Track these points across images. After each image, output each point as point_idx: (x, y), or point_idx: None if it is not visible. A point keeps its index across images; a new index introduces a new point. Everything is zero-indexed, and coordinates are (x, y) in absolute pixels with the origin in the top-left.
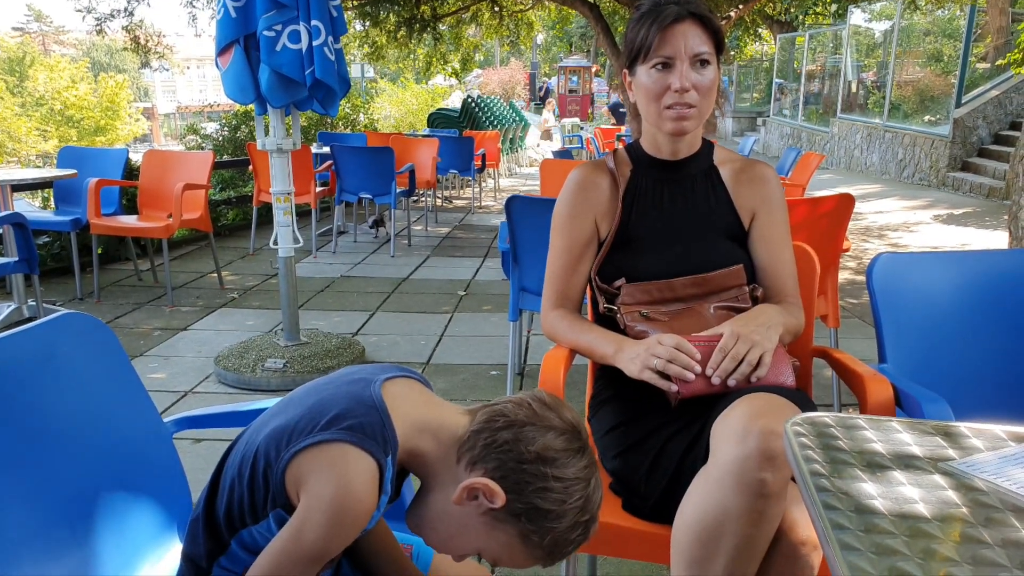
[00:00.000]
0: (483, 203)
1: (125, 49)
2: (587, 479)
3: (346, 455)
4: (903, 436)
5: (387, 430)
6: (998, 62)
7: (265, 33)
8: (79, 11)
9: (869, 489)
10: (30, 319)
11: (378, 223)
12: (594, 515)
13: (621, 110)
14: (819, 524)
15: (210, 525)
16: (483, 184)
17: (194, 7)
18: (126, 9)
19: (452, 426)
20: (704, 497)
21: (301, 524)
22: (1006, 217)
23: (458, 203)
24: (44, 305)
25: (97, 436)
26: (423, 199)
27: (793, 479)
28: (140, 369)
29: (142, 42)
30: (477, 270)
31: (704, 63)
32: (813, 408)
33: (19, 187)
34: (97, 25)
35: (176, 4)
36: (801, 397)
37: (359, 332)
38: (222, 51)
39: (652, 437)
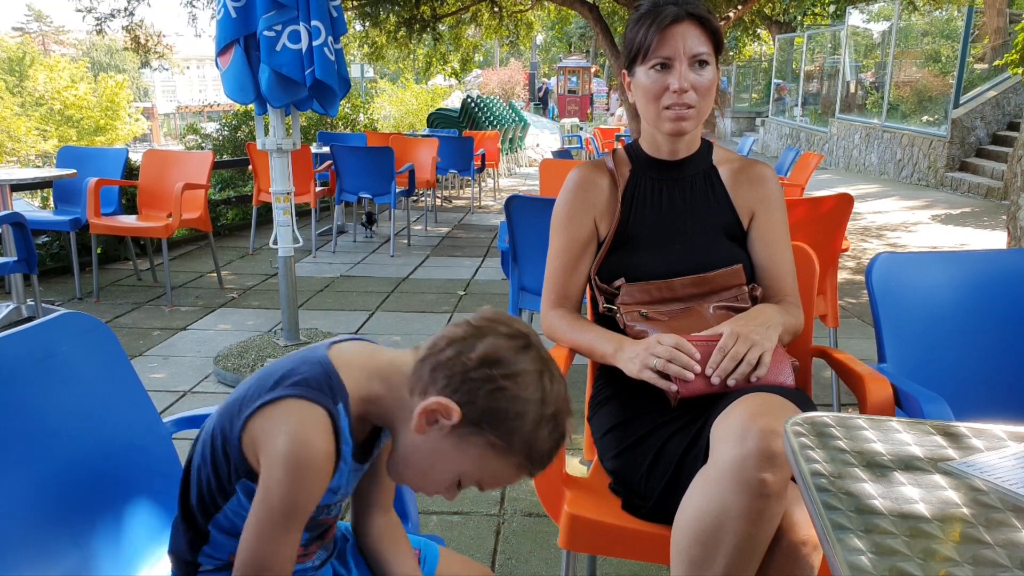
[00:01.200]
0: (482, 203)
1: (125, 49)
2: (538, 371)
3: (293, 408)
4: (903, 436)
5: (333, 379)
6: (996, 63)
7: (265, 33)
8: (79, 11)
9: (869, 489)
10: (29, 319)
11: (369, 218)
12: (560, 408)
13: None
14: (819, 524)
15: (187, 518)
16: (482, 184)
17: (194, 7)
18: (126, 9)
19: (400, 364)
20: (704, 497)
21: (266, 486)
22: (1004, 217)
23: (458, 203)
24: (43, 305)
25: (96, 436)
26: (423, 199)
27: (793, 479)
28: (139, 369)
29: (142, 42)
30: (477, 270)
31: (703, 64)
32: (813, 408)
33: (18, 187)
34: (97, 25)
35: (176, 4)
36: (801, 397)
37: (359, 332)
38: (222, 51)
39: (652, 437)
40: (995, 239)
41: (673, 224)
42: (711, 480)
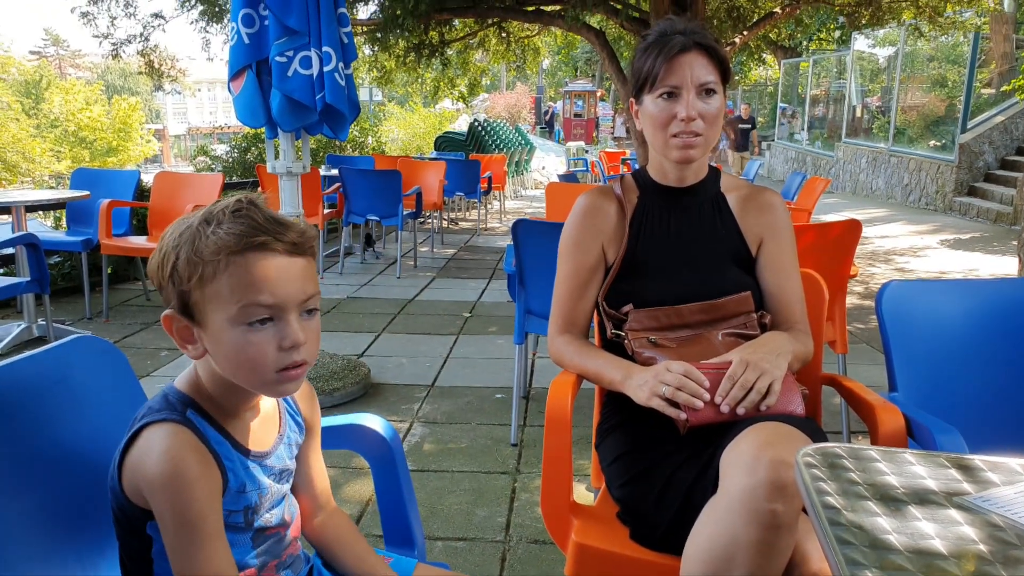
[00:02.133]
0: (489, 225)
1: (140, 73)
2: (172, 226)
3: (145, 436)
4: (917, 469)
5: (170, 395)
6: (1003, 88)
7: (277, 59)
8: (96, 37)
9: (883, 523)
10: (40, 338)
11: (368, 240)
12: (212, 209)
13: (741, 125)
14: (833, 559)
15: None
16: (489, 206)
17: (207, 32)
18: (142, 34)
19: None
20: (714, 528)
21: (158, 514)
22: (1014, 243)
23: (464, 225)
24: (54, 324)
25: (107, 458)
26: (429, 221)
27: (804, 510)
28: (147, 389)
29: (156, 66)
30: (482, 292)
31: (710, 92)
32: (823, 436)
33: (33, 208)
34: (113, 50)
35: (189, 29)
36: (811, 426)
37: (364, 353)
38: (234, 76)
39: (660, 466)
40: (1005, 264)
41: (681, 251)
42: (721, 510)
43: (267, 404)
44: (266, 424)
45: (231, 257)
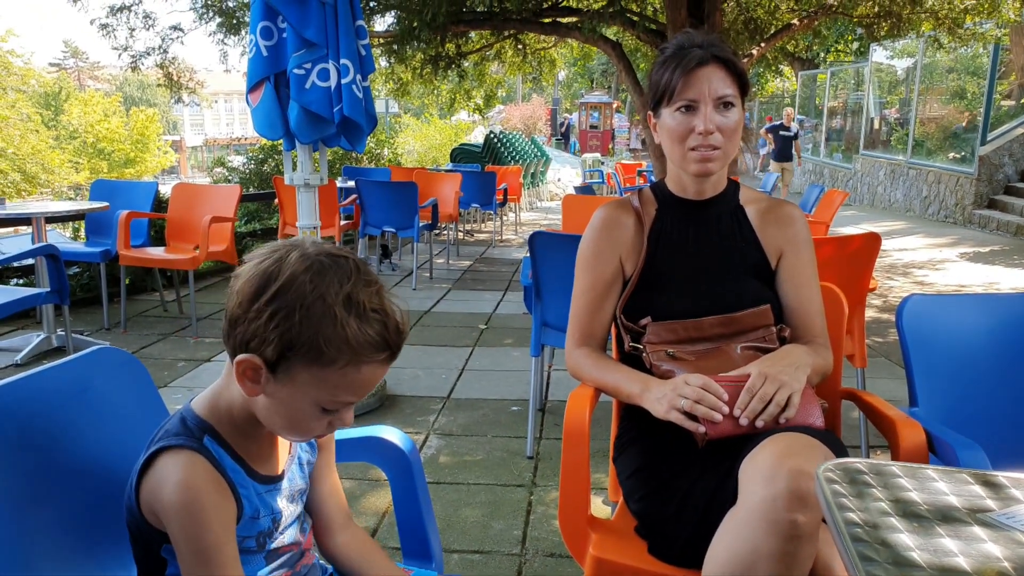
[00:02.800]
0: (504, 237)
1: (158, 85)
2: (304, 270)
3: (162, 462)
4: (939, 485)
5: (188, 420)
6: (1023, 100)
7: (295, 71)
8: (115, 49)
9: (906, 540)
10: (59, 349)
11: (385, 251)
12: (350, 291)
13: (782, 133)
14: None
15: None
16: (504, 218)
17: (225, 44)
18: (160, 47)
19: (227, 373)
20: (734, 539)
21: (175, 540)
22: None
23: (479, 237)
24: (73, 335)
25: (128, 469)
26: (445, 232)
27: (824, 520)
28: (165, 400)
29: (174, 78)
30: (498, 303)
31: (728, 105)
32: (843, 449)
33: (53, 219)
34: (132, 62)
35: (207, 41)
36: (830, 438)
37: None
38: (253, 88)
39: (679, 479)
40: None
41: (700, 263)
42: (741, 522)
43: None
44: (278, 445)
45: (353, 361)
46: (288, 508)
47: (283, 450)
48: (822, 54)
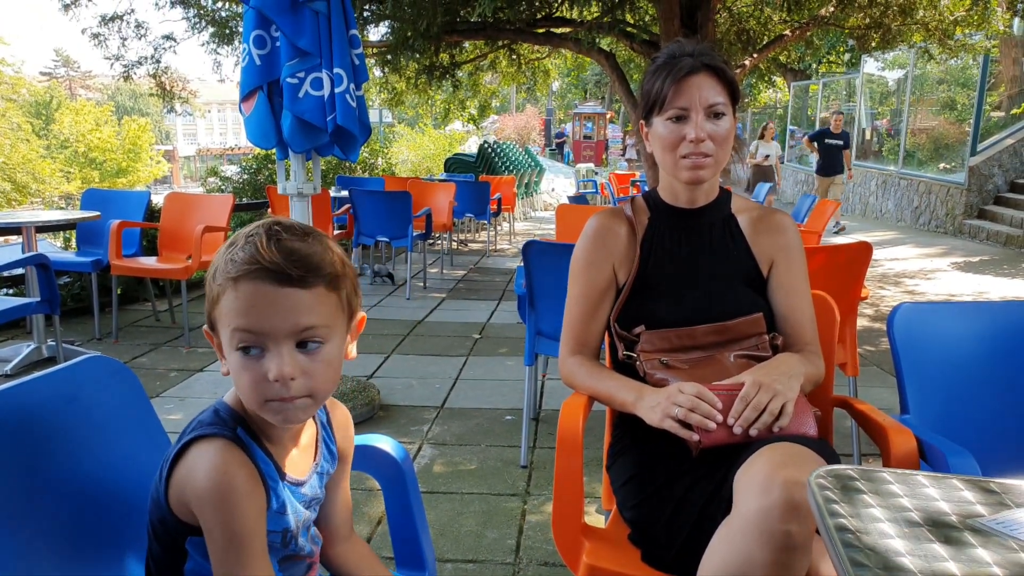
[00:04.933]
0: (498, 246)
1: (151, 94)
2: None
3: (196, 450)
4: (930, 491)
5: (221, 412)
6: (1013, 111)
7: (288, 80)
8: (108, 59)
9: (897, 546)
10: (50, 359)
11: (390, 277)
12: (252, 232)
13: (828, 141)
14: None
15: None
16: (498, 228)
17: (218, 53)
18: (153, 56)
19: None
20: (728, 549)
21: (207, 529)
22: None
23: (473, 246)
24: (63, 345)
25: (118, 478)
26: (439, 242)
27: (818, 531)
28: (157, 410)
29: (167, 88)
30: (492, 313)
31: (719, 114)
32: (836, 457)
33: (43, 228)
34: (124, 71)
35: (200, 50)
36: (823, 447)
37: (374, 375)
38: (246, 97)
39: (672, 487)
40: (1016, 287)
41: (692, 272)
42: (735, 531)
43: (306, 434)
44: (303, 453)
45: (229, 282)
46: (305, 513)
47: (307, 458)
48: (814, 65)
